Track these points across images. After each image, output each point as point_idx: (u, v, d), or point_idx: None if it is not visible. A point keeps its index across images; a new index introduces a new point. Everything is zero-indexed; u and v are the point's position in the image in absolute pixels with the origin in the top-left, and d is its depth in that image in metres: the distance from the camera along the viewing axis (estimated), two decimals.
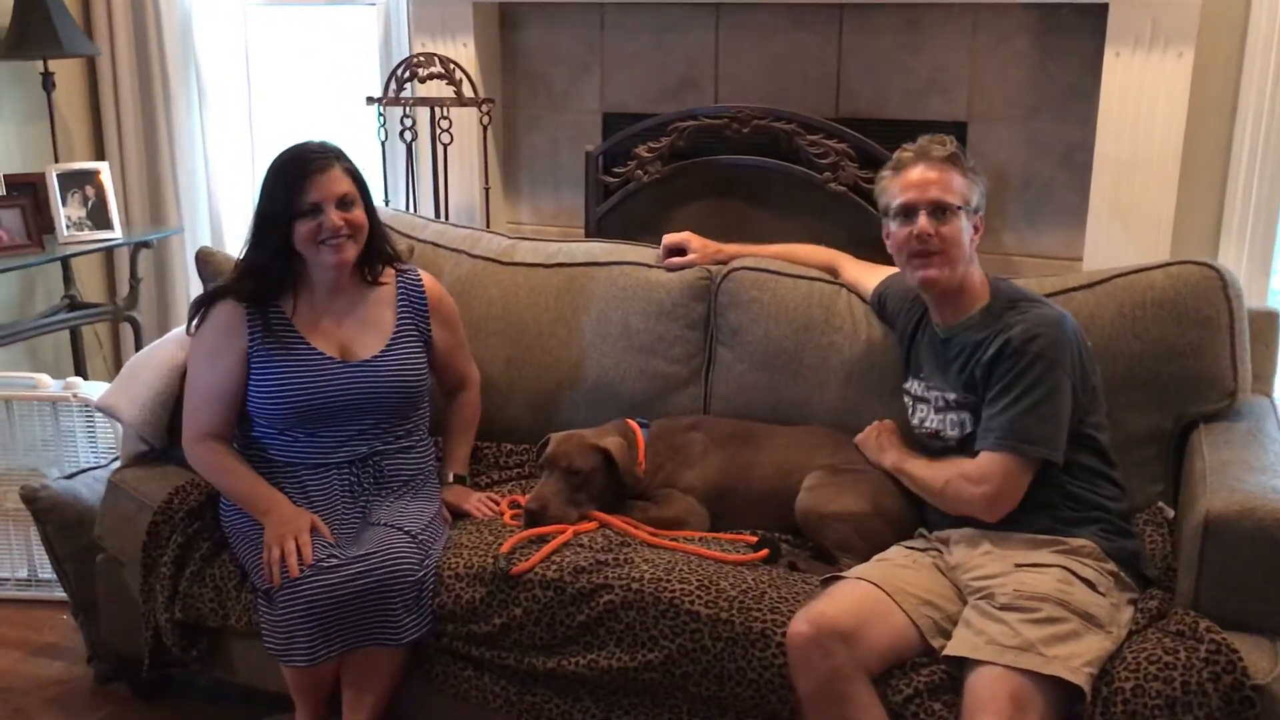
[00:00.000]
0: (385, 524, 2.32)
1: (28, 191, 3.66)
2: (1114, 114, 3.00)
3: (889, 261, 2.35)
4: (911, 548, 2.21)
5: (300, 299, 2.43)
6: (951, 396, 2.20)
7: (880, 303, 2.53)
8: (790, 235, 3.16)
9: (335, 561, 2.20)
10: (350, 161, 2.42)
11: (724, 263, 2.74)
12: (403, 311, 2.52)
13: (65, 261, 3.95)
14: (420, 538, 2.30)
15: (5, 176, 3.65)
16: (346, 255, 2.39)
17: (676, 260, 2.75)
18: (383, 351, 2.45)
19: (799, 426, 2.56)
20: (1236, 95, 3.05)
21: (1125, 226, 3.04)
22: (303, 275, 2.43)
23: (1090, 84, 3.06)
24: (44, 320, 3.89)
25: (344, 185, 2.37)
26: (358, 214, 2.39)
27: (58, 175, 3.68)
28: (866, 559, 2.19)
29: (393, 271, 2.55)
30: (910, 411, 2.34)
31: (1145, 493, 2.32)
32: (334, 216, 2.34)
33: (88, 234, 3.73)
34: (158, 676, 2.64)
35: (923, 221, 2.16)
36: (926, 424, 2.28)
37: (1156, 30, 2.91)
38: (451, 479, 2.58)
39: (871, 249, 3.04)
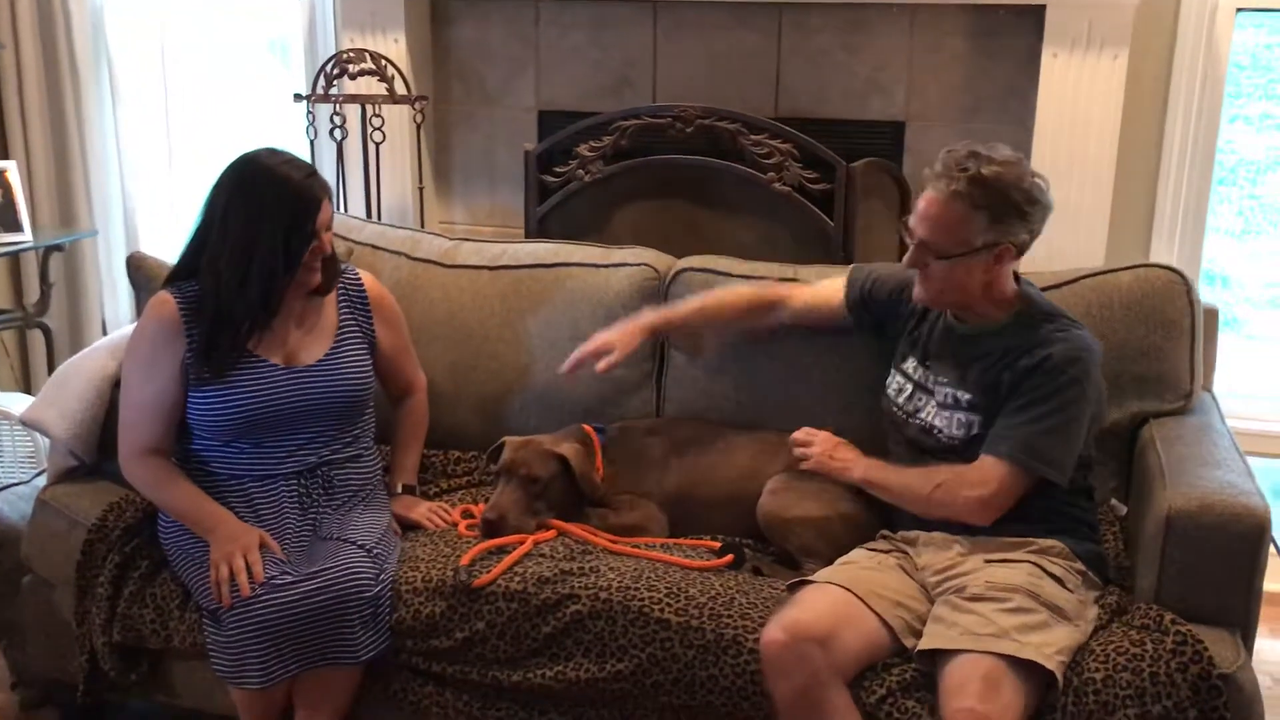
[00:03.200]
0: (337, 538, 2.24)
1: None
2: (1052, 115, 3.05)
3: (836, 262, 2.34)
4: (874, 549, 2.21)
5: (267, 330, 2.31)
6: (965, 396, 2.16)
7: (866, 291, 2.37)
8: (736, 235, 3.16)
9: (288, 579, 2.12)
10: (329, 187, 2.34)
11: (651, 334, 2.51)
12: (344, 313, 2.43)
13: None
14: (375, 551, 2.22)
15: None
16: (318, 277, 2.32)
17: (602, 365, 2.42)
18: (328, 355, 2.37)
19: (760, 430, 2.54)
20: (1166, 96, 3.12)
21: (1062, 226, 3.05)
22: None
23: (1027, 85, 3.10)
24: None
25: (330, 210, 2.30)
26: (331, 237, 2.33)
27: None
28: (829, 563, 2.18)
29: None
30: (901, 395, 2.27)
31: (1101, 489, 2.36)
32: (328, 243, 2.28)
33: None
34: (93, 703, 2.51)
35: (909, 255, 2.14)
36: (921, 415, 2.23)
37: (1093, 32, 2.96)
38: (400, 489, 2.50)
39: (817, 248, 3.07)
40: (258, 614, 2.08)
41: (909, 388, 2.27)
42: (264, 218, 2.19)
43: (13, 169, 3.60)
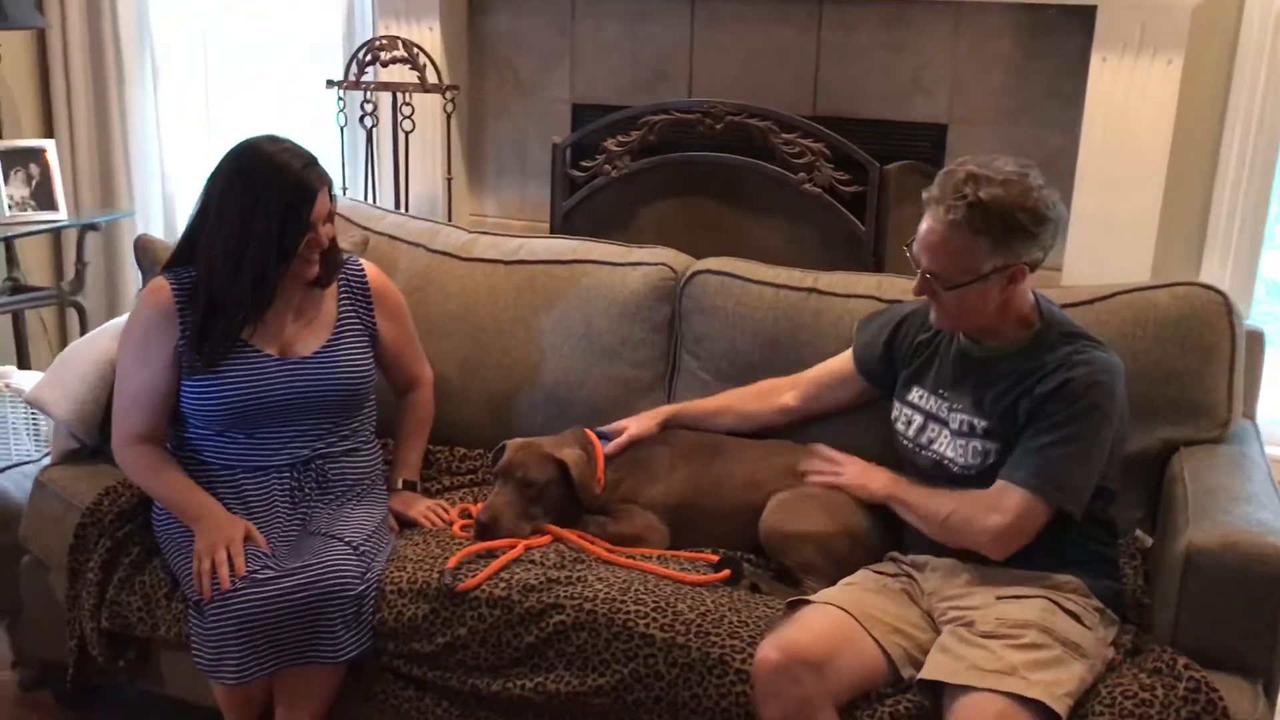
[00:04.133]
0: (325, 534, 2.19)
1: None
2: (1099, 121, 2.91)
3: (865, 268, 2.24)
4: (881, 571, 2.10)
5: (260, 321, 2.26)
6: (981, 424, 2.02)
7: (878, 342, 2.26)
8: (763, 237, 3.07)
9: (270, 574, 2.07)
10: (330, 178, 2.28)
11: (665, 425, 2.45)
12: (344, 304, 2.38)
13: (9, 243, 3.79)
14: (362, 549, 2.17)
15: None
16: (317, 268, 2.26)
17: (610, 446, 2.40)
18: (324, 347, 2.32)
19: (768, 441, 2.44)
20: (1226, 103, 2.96)
21: (1107, 238, 2.95)
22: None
23: (1075, 89, 2.97)
24: None
25: (329, 201, 2.24)
26: (332, 228, 2.27)
27: (1, 153, 3.52)
28: (832, 582, 2.09)
29: None
30: (910, 428, 2.15)
31: (1124, 519, 2.22)
32: (325, 234, 2.22)
33: (30, 215, 3.57)
34: (84, 686, 2.49)
35: (917, 283, 2.01)
36: (934, 447, 2.09)
37: (1146, 35, 2.82)
38: (400, 485, 2.45)
39: (847, 253, 2.97)
40: (235, 608, 2.04)
41: (918, 419, 2.14)
42: (258, 206, 2.14)
43: (51, 149, 3.63)
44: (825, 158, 2.99)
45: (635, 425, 2.44)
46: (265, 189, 2.14)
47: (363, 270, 2.43)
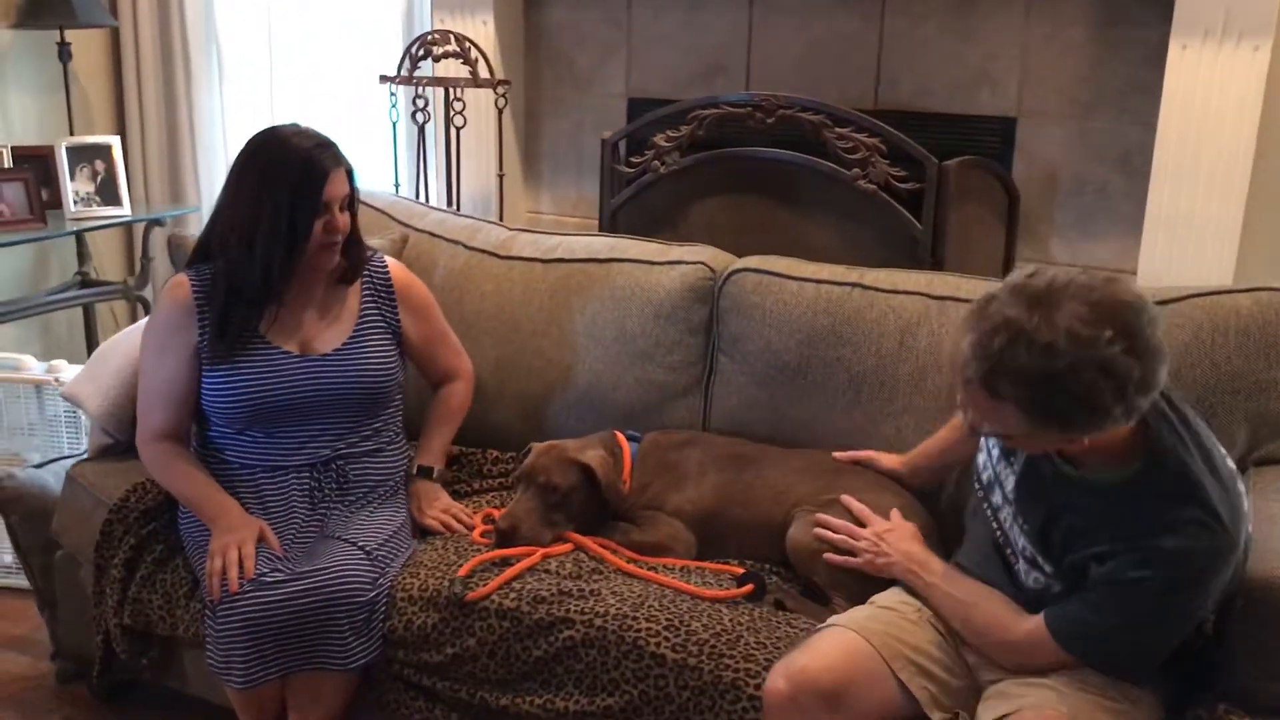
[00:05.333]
0: (340, 537, 2.15)
1: (38, 164, 3.56)
2: (1178, 114, 2.72)
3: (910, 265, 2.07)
4: (914, 595, 1.95)
5: (278, 312, 2.23)
6: (1048, 568, 1.72)
7: None
8: (815, 236, 2.95)
9: (278, 577, 2.03)
10: (349, 162, 2.23)
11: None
12: (367, 301, 2.34)
13: (80, 238, 3.86)
14: (376, 555, 2.12)
15: (14, 148, 3.56)
16: (337, 258, 2.23)
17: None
18: (345, 344, 2.28)
19: (805, 450, 2.33)
20: None
21: (1186, 238, 2.76)
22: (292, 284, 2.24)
23: (1153, 79, 2.78)
24: (53, 297, 3.80)
25: (346, 185, 2.20)
26: (348, 217, 2.22)
27: (67, 149, 3.58)
28: (862, 600, 1.95)
29: None
30: (984, 473, 1.86)
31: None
32: (340, 219, 2.18)
33: (95, 210, 3.62)
34: (113, 682, 2.50)
35: (966, 420, 1.69)
36: (1002, 520, 1.82)
37: (1230, 21, 2.62)
38: (416, 470, 2.37)
39: (903, 253, 2.83)
40: (241, 612, 2.01)
41: (996, 491, 1.83)
42: (267, 187, 2.12)
43: (117, 145, 3.67)
44: (881, 153, 2.84)
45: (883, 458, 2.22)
46: (275, 169, 2.13)
47: (386, 267, 2.39)
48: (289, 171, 2.12)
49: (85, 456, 2.57)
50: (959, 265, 2.81)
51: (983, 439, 1.86)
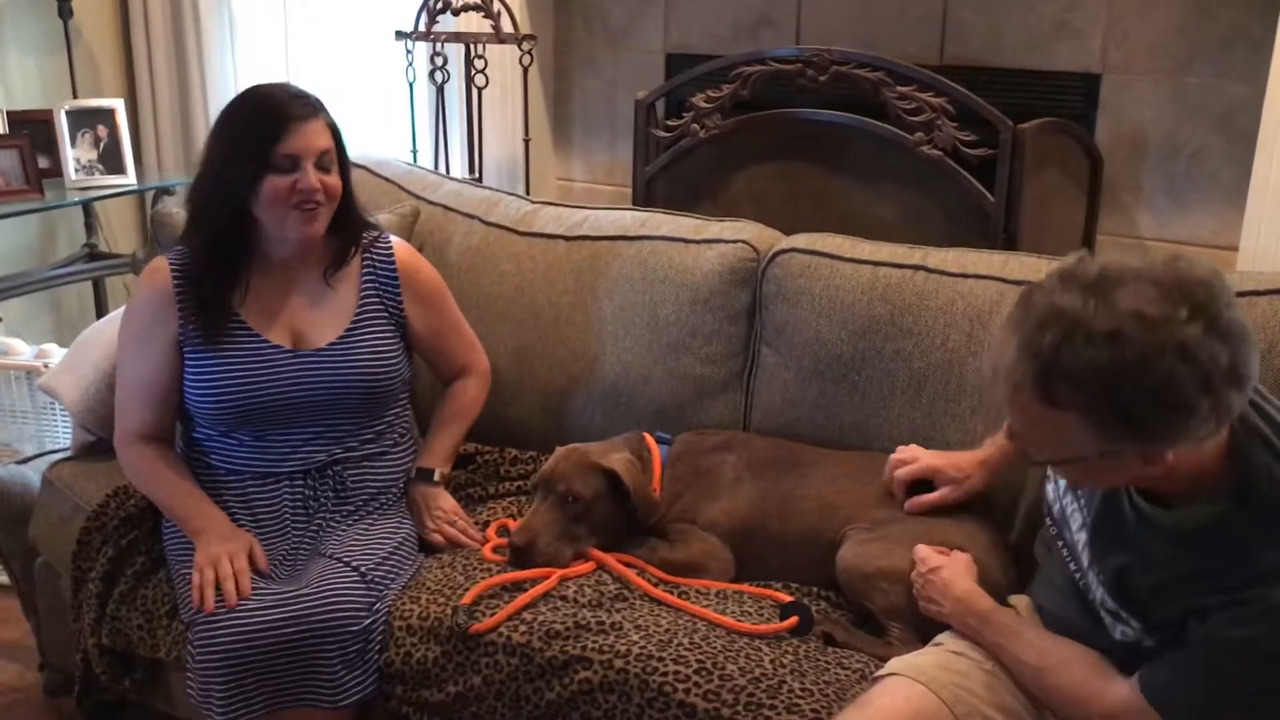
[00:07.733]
0: (332, 556, 1.91)
1: (38, 130, 3.34)
2: None
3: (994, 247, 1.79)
4: None
5: (251, 286, 2.02)
6: (1135, 624, 1.47)
7: None
8: (873, 209, 2.70)
9: (260, 602, 1.80)
10: (332, 117, 2.01)
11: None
12: (367, 287, 2.10)
13: (87, 208, 3.66)
14: (372, 576, 1.88)
15: (8, 114, 3.35)
16: (318, 226, 1.99)
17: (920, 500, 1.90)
18: (341, 337, 2.05)
19: (855, 452, 2.07)
20: None
21: None
22: (256, 255, 2.02)
23: (1262, 30, 2.47)
24: (58, 271, 3.60)
25: (325, 140, 1.97)
26: (334, 179, 1.99)
27: (68, 113, 3.36)
28: (924, 631, 1.70)
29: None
30: (1054, 506, 1.64)
31: None
32: (311, 176, 1.93)
33: (97, 179, 3.41)
34: (99, 702, 2.29)
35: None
36: (1077, 563, 1.57)
37: None
38: (415, 473, 2.14)
39: (972, 228, 2.55)
40: (220, 642, 1.78)
41: (1068, 529, 1.60)
42: (228, 134, 1.96)
43: (120, 108, 3.45)
44: (948, 115, 2.57)
45: (945, 470, 1.89)
46: (239, 118, 1.98)
47: (390, 249, 2.14)
48: (254, 119, 1.95)
49: (69, 455, 2.36)
50: (1035, 242, 2.53)
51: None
